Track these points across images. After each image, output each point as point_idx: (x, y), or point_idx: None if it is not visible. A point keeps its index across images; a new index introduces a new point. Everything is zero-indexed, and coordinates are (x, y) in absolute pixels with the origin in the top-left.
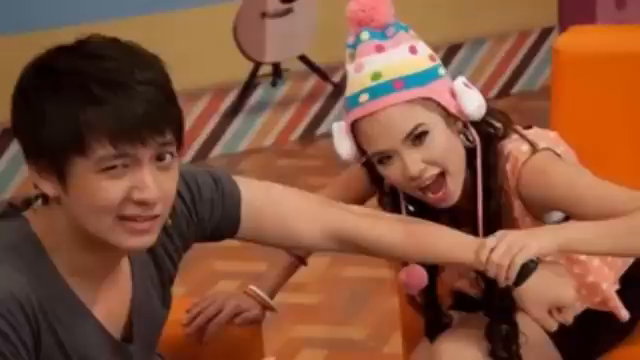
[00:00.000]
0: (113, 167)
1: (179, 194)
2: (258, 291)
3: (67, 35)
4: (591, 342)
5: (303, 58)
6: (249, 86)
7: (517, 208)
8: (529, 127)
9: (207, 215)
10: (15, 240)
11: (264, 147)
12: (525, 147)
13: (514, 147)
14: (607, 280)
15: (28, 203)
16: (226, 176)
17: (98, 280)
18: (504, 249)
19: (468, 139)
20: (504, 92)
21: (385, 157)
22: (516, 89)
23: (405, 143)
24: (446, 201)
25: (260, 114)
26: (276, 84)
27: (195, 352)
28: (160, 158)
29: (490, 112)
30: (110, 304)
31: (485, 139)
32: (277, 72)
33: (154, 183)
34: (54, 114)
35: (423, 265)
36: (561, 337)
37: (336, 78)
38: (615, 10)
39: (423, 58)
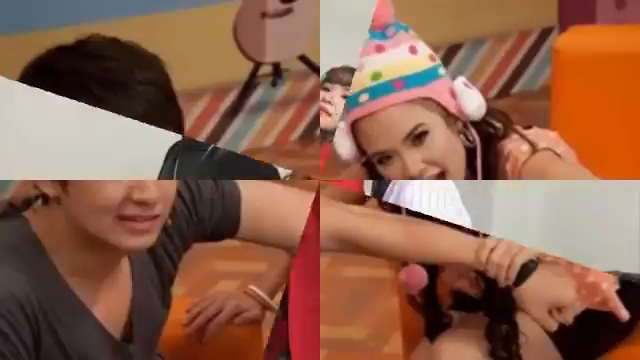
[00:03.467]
0: None
1: (179, 194)
2: (258, 291)
3: (67, 35)
4: (591, 342)
5: (303, 58)
6: (249, 86)
7: None
8: (529, 127)
9: (207, 215)
10: (15, 240)
11: (264, 147)
12: (525, 147)
13: (514, 147)
14: (607, 280)
15: (28, 203)
16: None
17: (98, 280)
18: (504, 249)
19: (468, 139)
20: (504, 92)
21: (385, 157)
22: (516, 89)
23: (405, 143)
24: None
25: (260, 114)
26: (276, 84)
27: (195, 352)
28: None
29: (490, 112)
30: (110, 304)
31: (485, 139)
32: (277, 72)
33: (154, 183)
34: None
35: (423, 265)
36: (561, 337)
37: None
38: (615, 10)
39: (423, 58)
